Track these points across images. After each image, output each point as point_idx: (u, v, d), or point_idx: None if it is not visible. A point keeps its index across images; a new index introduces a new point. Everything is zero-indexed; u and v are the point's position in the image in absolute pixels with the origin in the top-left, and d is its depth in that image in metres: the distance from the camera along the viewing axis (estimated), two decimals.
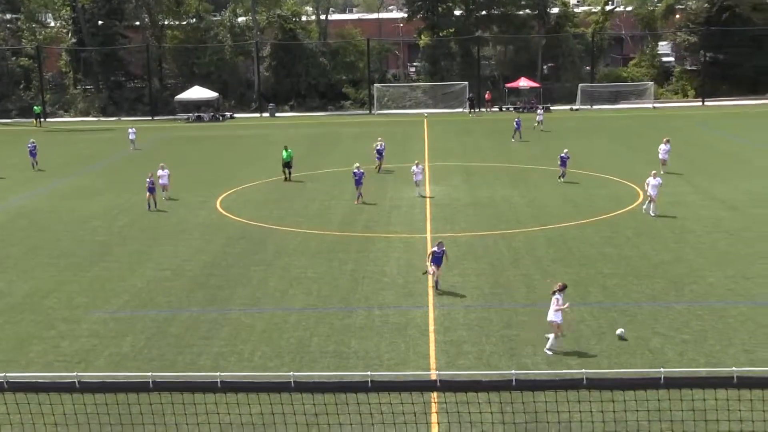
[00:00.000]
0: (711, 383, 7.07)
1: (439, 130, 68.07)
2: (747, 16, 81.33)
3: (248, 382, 7.24)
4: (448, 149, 56.41)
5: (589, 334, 21.62)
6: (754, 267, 27.26)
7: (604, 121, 71.25)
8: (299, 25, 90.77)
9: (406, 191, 41.48)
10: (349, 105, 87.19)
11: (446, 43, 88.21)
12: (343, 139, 64.50)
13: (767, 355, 19.87)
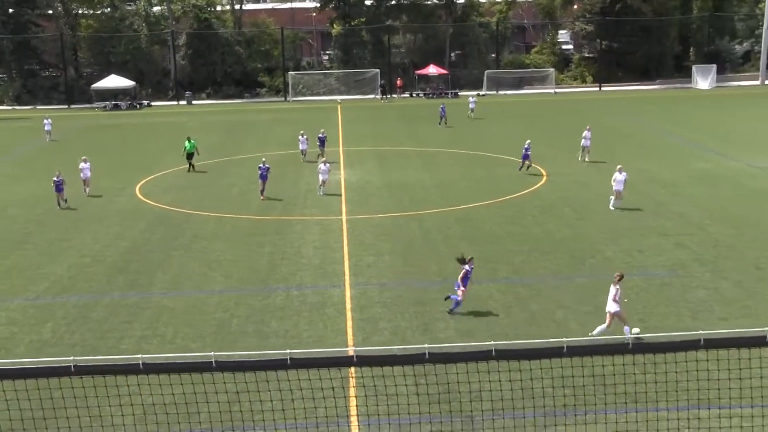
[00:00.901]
0: (609, 350, 7.26)
1: (353, 115, 68.01)
2: (637, 8, 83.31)
3: (170, 364, 7.15)
4: (362, 134, 56.45)
5: (497, 308, 21.94)
6: (647, 240, 28.03)
7: (509, 105, 72.19)
8: (214, 14, 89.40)
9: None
10: (265, 92, 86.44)
11: (358, 32, 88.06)
12: (260, 126, 63.92)
13: (659, 322, 20.47)
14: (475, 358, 7.45)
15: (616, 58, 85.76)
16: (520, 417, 13.93)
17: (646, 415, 14.53)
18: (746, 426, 14.57)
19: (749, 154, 44.05)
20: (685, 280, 23.89)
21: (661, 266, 25.33)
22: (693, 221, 30.52)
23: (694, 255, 26.35)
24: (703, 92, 79.90)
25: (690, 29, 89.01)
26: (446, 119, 59.08)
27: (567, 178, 39.01)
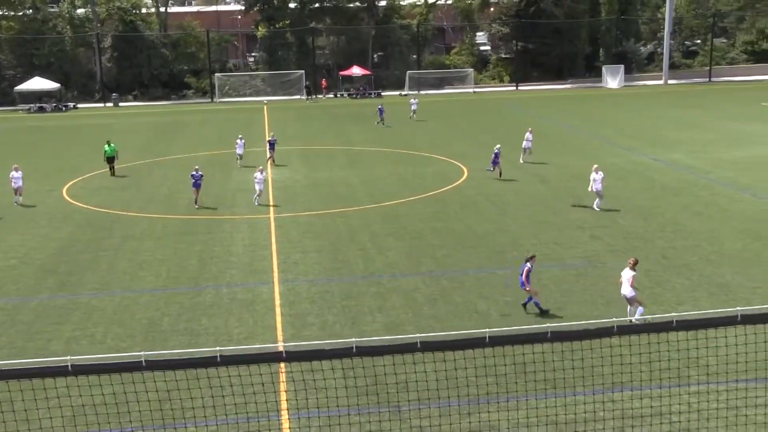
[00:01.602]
0: (529, 339, 7.34)
1: (279, 116, 67.58)
2: (550, 11, 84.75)
3: (99, 364, 6.97)
4: (288, 134, 56.08)
5: (423, 301, 22.05)
6: (564, 233, 28.50)
7: (430, 104, 72.58)
8: (139, 17, 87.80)
9: (249, 174, 41.02)
10: (192, 94, 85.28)
11: (282, 34, 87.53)
12: (187, 127, 63.01)
13: (576, 311, 20.82)
14: (401, 351, 7.46)
15: (531, 59, 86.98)
16: (446, 405, 14.03)
17: (564, 399, 14.78)
18: (656, 405, 14.96)
19: (655, 149, 45.16)
20: (600, 270, 24.36)
21: (578, 257, 25.77)
22: (606, 214, 31.13)
23: (608, 246, 26.89)
24: (613, 91, 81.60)
25: (599, 31, 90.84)
26: (384, 120, 58.85)
27: (487, 174, 39.40)
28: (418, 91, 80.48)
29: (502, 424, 14.48)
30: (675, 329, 7.69)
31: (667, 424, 14.57)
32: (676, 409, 14.93)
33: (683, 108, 64.56)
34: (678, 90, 79.69)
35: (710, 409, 15.01)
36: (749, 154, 42.77)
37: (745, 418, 14.88)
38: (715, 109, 62.89)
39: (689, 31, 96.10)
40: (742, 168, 38.89)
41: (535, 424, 14.17)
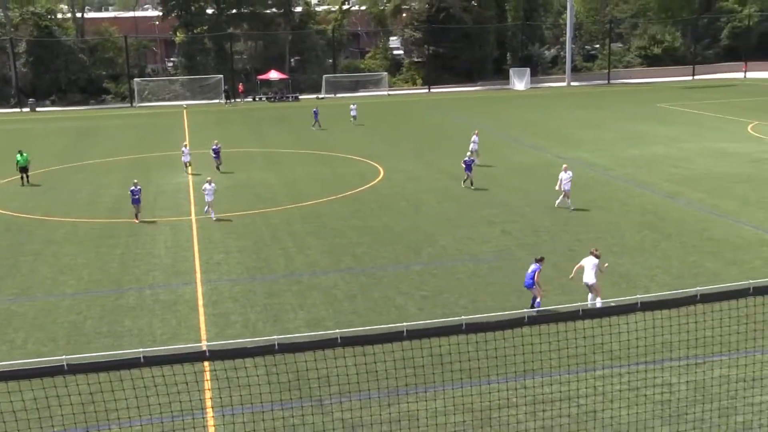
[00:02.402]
0: (445, 331, 7.39)
1: (199, 119, 66.62)
2: (459, 16, 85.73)
3: (19, 370, 6.74)
4: (208, 137, 55.27)
5: (342, 297, 22.03)
6: (476, 229, 28.85)
7: (346, 107, 72.60)
8: (55, 22, 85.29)
9: (169, 177, 40.34)
10: (111, 99, 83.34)
11: (201, 40, 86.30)
12: (107, 132, 61.52)
13: (490, 303, 21.11)
14: (322, 346, 7.43)
15: (442, 62, 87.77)
16: (366, 398, 14.05)
17: (479, 388, 14.98)
18: (564, 390, 15.28)
19: (560, 147, 46.11)
20: (510, 263, 24.73)
21: (490, 252, 26.11)
22: (515, 210, 31.63)
23: (518, 240, 27.32)
24: (520, 92, 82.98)
25: (506, 36, 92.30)
26: (320, 122, 58.19)
27: (402, 174, 39.61)
28: (317, 96, 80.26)
29: (421, 414, 14.58)
30: (581, 318, 7.86)
31: (575, 407, 14.89)
32: (583, 393, 15.27)
33: (585, 108, 66.07)
34: (580, 91, 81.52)
35: (614, 391, 15.43)
36: (645, 152, 44.04)
37: (644, 397, 15.34)
38: (614, 110, 64.54)
39: (589, 36, 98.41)
40: (639, 165, 40.01)
41: (452, 412, 14.32)
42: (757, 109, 60.66)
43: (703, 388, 15.73)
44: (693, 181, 35.97)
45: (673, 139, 48.01)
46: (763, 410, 14.79)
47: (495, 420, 14.37)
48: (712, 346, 15.84)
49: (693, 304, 7.90)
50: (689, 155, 42.42)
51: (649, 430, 14.22)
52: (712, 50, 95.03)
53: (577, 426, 14.29)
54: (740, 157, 41.17)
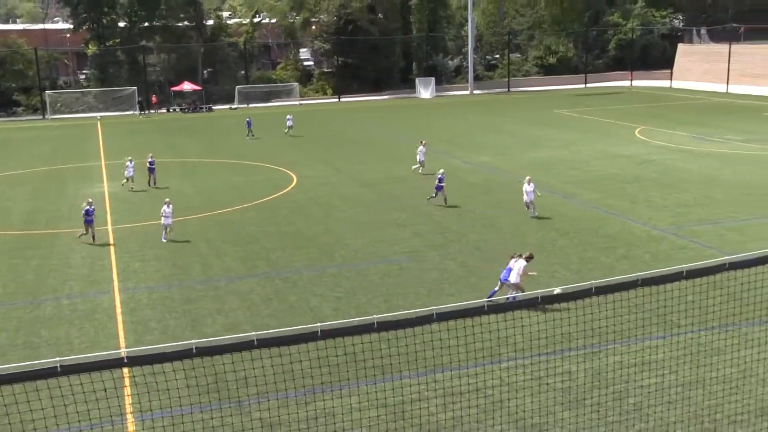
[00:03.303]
0: (358, 330, 7.44)
1: (114, 131, 64.99)
2: (366, 28, 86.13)
3: None
4: (123, 148, 53.99)
5: (258, 301, 21.86)
6: (387, 232, 29.02)
7: (259, 117, 72.02)
8: None
9: (86, 188, 39.25)
10: (22, 111, 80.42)
11: (113, 52, 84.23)
12: (18, 144, 59.38)
13: (401, 302, 21.27)
14: (239, 349, 7.37)
15: (351, 73, 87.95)
16: (284, 397, 14.00)
17: (392, 383, 15.08)
18: (473, 382, 15.53)
19: (465, 152, 46.80)
20: (420, 264, 24.98)
21: (400, 253, 26.30)
22: (424, 212, 31.95)
23: (427, 241, 27.60)
24: (426, 101, 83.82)
25: (411, 47, 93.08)
26: (252, 131, 57.01)
27: (314, 181, 39.53)
28: (230, 107, 79.43)
29: (337, 410, 14.59)
30: (486, 313, 8.01)
31: (483, 398, 15.15)
32: (490, 384, 15.55)
33: (487, 115, 67.21)
34: (482, 99, 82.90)
35: (519, 381, 15.76)
36: (544, 155, 45.10)
37: (547, 386, 15.73)
38: (515, 116, 65.85)
39: (489, 47, 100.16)
40: (538, 168, 40.94)
41: (367, 407, 14.39)
42: (643, 115, 62.83)
43: (599, 374, 16.24)
44: (588, 182, 37.02)
45: (569, 143, 49.30)
46: (651, 392, 15.35)
47: (408, 413, 14.49)
48: (607, 334, 16.35)
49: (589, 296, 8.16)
50: (584, 158, 43.63)
51: (551, 416, 14.58)
52: (601, 60, 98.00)
53: (485, 416, 14.55)
54: (630, 159, 42.58)
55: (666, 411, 14.66)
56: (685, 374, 15.98)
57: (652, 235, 27.59)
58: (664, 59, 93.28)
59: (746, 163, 40.55)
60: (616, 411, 14.82)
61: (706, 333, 17.87)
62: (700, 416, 14.54)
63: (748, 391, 15.33)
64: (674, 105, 69.77)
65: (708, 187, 34.81)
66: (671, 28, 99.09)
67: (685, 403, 14.88)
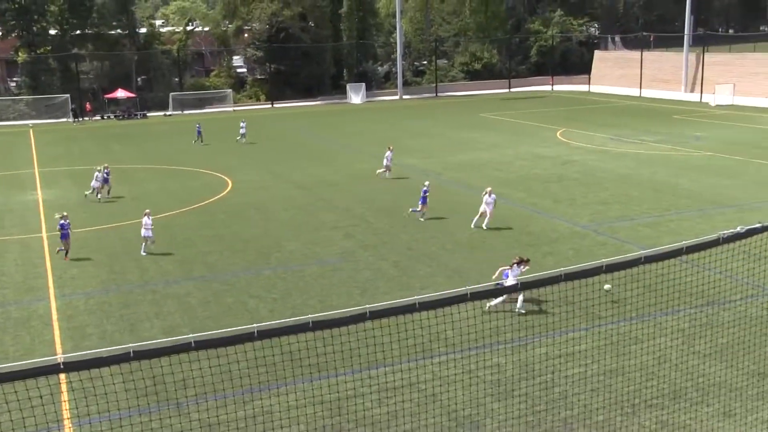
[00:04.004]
0: (294, 330, 7.39)
1: (47, 138, 63.18)
2: (298, 36, 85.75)
3: None
4: (56, 155, 52.65)
5: (196, 304, 21.55)
6: (321, 234, 28.94)
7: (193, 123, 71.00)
8: None
9: (17, 195, 38.08)
10: None
11: (45, 60, 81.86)
12: None
13: (335, 301, 21.25)
14: (177, 351, 7.24)
15: (284, 79, 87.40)
16: (222, 398, 13.83)
17: (328, 381, 15.04)
18: (406, 377, 15.59)
19: (394, 155, 46.88)
20: (354, 264, 24.98)
21: (334, 254, 26.26)
22: (356, 214, 31.96)
23: (360, 243, 27.62)
24: (357, 106, 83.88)
25: (342, 54, 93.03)
26: (203, 137, 55.78)
27: (249, 185, 39.16)
28: (165, 113, 78.16)
29: (275, 409, 14.48)
30: (418, 310, 8.04)
31: (417, 392, 15.23)
32: (423, 379, 15.65)
33: (416, 119, 67.59)
34: (411, 104, 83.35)
35: (451, 375, 15.90)
36: (471, 157, 45.60)
37: (478, 378, 15.90)
38: (442, 120, 66.39)
39: (417, 54, 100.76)
40: (465, 169, 41.38)
41: (304, 405, 14.32)
42: (564, 117, 64.09)
43: (527, 366, 16.49)
44: (513, 182, 37.56)
45: (494, 145, 49.95)
46: (576, 381, 15.67)
47: (345, 409, 14.47)
48: (533, 328, 16.60)
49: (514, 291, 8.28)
50: (509, 159, 44.26)
51: (482, 407, 14.75)
52: (524, 66, 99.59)
53: (419, 409, 14.63)
54: (552, 160, 43.38)
55: (589, 398, 14.98)
56: (607, 363, 16.36)
57: (575, 231, 28.16)
58: (582, 65, 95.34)
59: (659, 162, 41.73)
60: (543, 400, 15.08)
61: (625, 323, 18.33)
62: (621, 402, 14.90)
63: (662, 376, 15.79)
64: (592, 108, 71.36)
65: (625, 186, 35.70)
66: (588, 35, 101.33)
67: (606, 390, 15.23)
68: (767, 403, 14.84)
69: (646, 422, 14.35)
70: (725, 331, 17.88)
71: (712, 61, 77.41)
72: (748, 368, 15.85)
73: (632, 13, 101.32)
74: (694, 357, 16.50)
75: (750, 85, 70.89)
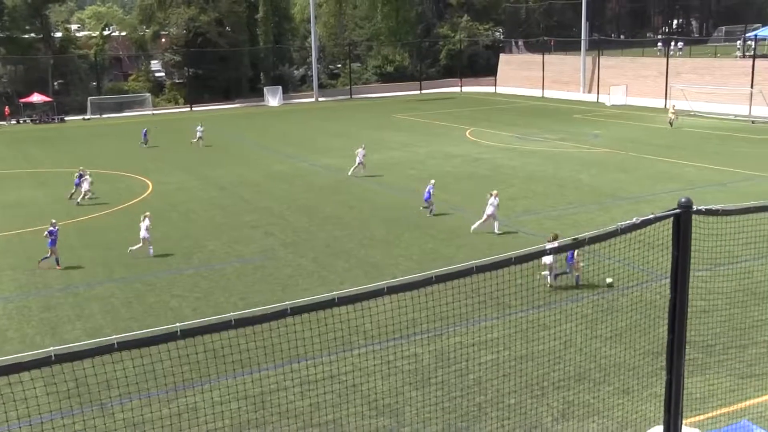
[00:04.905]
0: (216, 328, 7.24)
1: None
2: (215, 41, 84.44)
3: None
4: None
5: (119, 305, 20.97)
6: (241, 233, 28.58)
7: (112, 127, 69.07)
8: None
9: None
10: None
11: None
12: None
13: (257, 298, 21.02)
14: (99, 353, 7.01)
15: (202, 83, 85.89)
16: (146, 396, 13.50)
17: (252, 376, 14.86)
18: (327, 369, 15.55)
19: (312, 156, 46.79)
20: (274, 262, 24.76)
21: (255, 253, 25.97)
22: (276, 213, 31.69)
23: (280, 241, 27.40)
24: (274, 108, 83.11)
25: (259, 58, 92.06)
26: (147, 140, 53.87)
27: (170, 186, 38.33)
28: (83, 117, 75.80)
29: (200, 405, 14.24)
30: (338, 305, 8.01)
31: (338, 383, 15.21)
32: (344, 370, 15.63)
33: (332, 120, 67.47)
34: (327, 106, 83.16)
35: (370, 366, 15.93)
36: (386, 156, 45.80)
37: (396, 368, 15.99)
38: (357, 121, 66.46)
39: (332, 57, 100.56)
40: (381, 168, 41.53)
41: (228, 400, 14.10)
42: (472, 118, 65.05)
43: (443, 355, 16.68)
44: (426, 180, 37.84)
45: (407, 144, 50.29)
46: (489, 367, 15.93)
47: (268, 403, 14.33)
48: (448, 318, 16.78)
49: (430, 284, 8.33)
50: (421, 158, 44.65)
51: (401, 396, 14.84)
52: (434, 68, 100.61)
53: (341, 400, 14.61)
54: (463, 158, 43.97)
55: (502, 383, 15.25)
56: (517, 349, 16.68)
57: None
58: (489, 67, 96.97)
59: (561, 159, 42.84)
60: (458, 387, 15.27)
61: (533, 312, 18.74)
62: (530, 385, 15.23)
63: (568, 359, 16.22)
64: (499, 108, 72.67)
65: (530, 182, 36.49)
66: (493, 39, 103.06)
67: (517, 375, 15.54)
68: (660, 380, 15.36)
69: (554, 403, 14.71)
70: (623, 315, 18.50)
71: (607, 64, 79.91)
72: (644, 348, 16.44)
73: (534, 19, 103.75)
74: (596, 340, 17.00)
75: (640, 86, 73.51)
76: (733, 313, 18.21)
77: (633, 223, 6.37)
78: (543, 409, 14.50)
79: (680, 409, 6.72)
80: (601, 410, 14.48)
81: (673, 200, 7.12)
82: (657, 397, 14.80)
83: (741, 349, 16.86)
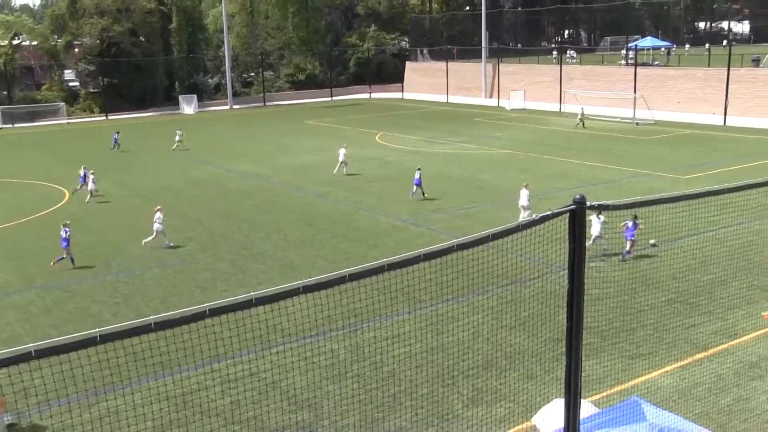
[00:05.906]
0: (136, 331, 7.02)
1: None
2: (129, 51, 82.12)
3: None
4: None
5: (37, 313, 20.11)
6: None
7: (25, 136, 66.18)
8: None
9: None
10: None
11: None
12: None
13: (177, 302, 20.55)
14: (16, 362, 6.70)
15: (117, 92, 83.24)
16: (66, 403, 12.99)
17: (173, 377, 14.52)
18: (247, 368, 15.34)
19: (228, 161, 46.05)
20: (194, 266, 24.26)
21: (174, 257, 25.37)
22: (193, 218, 31.05)
23: (198, 245, 26.85)
24: (189, 116, 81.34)
25: (173, 67, 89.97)
26: (119, 145, 52.01)
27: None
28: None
29: (121, 408, 13.81)
30: (255, 305, 7.91)
31: (258, 381, 15.02)
32: (263, 368, 15.45)
33: (246, 127, 66.58)
34: (241, 113, 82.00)
35: (288, 363, 15.81)
36: (298, 160, 45.53)
37: (314, 364, 15.92)
38: (271, 127, 65.79)
39: (245, 66, 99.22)
40: (294, 172, 41.27)
41: (150, 402, 13.73)
42: (381, 122, 65.39)
43: (358, 349, 16.70)
44: (338, 182, 37.87)
45: (319, 149, 50.11)
46: (402, 359, 16.06)
47: (190, 402, 14.04)
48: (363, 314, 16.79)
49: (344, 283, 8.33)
50: (333, 162, 44.55)
51: (319, 390, 14.78)
52: (343, 76, 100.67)
53: (261, 396, 14.44)
54: (373, 161, 44.14)
55: (415, 374, 15.40)
56: (429, 341, 16.88)
57: (396, 225, 28.82)
58: (396, 74, 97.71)
59: (466, 160, 43.59)
60: (374, 379, 15.32)
61: (443, 305, 18.99)
62: (442, 375, 15.43)
63: (477, 349, 16.51)
64: (406, 113, 73.32)
65: (439, 182, 36.95)
66: (400, 48, 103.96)
67: (430, 366, 15.72)
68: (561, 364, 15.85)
69: (464, 391, 14.95)
70: (526, 306, 18.98)
71: (506, 70, 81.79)
72: (546, 336, 16.90)
73: (437, 28, 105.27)
74: (502, 330, 17.38)
75: (537, 91, 75.54)
76: (624, 300, 18.96)
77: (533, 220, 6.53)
78: (454, 396, 14.72)
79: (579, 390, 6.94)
80: (507, 395, 14.80)
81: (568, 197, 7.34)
82: (558, 380, 15.25)
83: (630, 332, 17.56)
